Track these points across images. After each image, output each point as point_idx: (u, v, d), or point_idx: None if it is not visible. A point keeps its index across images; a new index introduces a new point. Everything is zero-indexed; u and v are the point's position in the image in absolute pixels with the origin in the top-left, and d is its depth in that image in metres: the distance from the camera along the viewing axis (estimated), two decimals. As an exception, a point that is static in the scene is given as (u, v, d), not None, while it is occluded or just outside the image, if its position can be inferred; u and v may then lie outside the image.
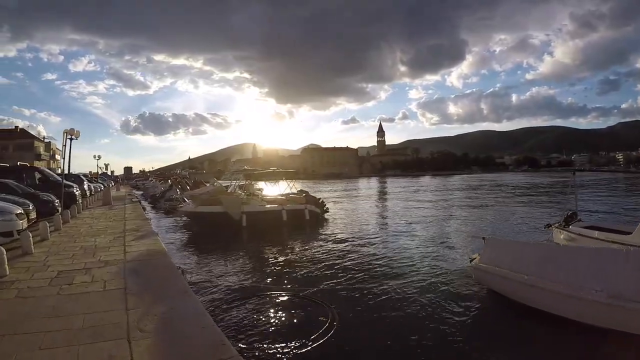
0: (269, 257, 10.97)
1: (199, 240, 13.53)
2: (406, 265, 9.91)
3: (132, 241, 8.44)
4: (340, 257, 10.78)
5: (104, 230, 10.19)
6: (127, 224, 11.70)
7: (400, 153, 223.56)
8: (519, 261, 6.38)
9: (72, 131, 23.55)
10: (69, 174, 25.06)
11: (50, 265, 6.24)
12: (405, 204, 28.34)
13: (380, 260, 10.54)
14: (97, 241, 8.50)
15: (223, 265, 9.91)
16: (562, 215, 9.95)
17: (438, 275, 8.73)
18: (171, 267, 6.07)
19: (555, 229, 9.68)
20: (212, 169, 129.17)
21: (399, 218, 19.68)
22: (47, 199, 12.87)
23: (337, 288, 7.99)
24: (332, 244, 12.71)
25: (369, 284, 8.31)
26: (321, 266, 9.84)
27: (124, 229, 10.58)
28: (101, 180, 42.87)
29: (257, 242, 13.34)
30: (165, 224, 17.83)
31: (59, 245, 8.10)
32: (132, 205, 18.62)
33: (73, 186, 16.51)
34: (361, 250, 11.88)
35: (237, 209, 15.33)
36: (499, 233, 14.73)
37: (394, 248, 12.08)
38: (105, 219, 13.03)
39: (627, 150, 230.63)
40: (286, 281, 8.53)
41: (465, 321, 6.22)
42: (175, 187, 27.06)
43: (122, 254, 7.09)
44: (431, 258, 10.65)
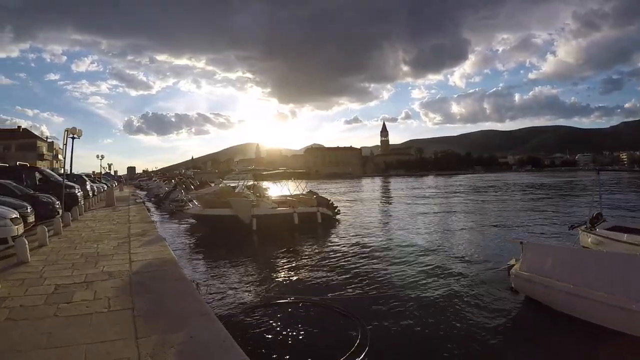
0: (284, 263, 10.22)
1: (208, 245, 12.80)
2: (433, 271, 9.19)
3: (138, 248, 7.74)
4: (360, 263, 10.04)
5: (107, 235, 9.50)
6: (132, 227, 11.02)
7: (404, 153, 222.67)
8: (564, 268, 5.94)
9: (74, 130, 22.93)
10: (71, 174, 24.44)
11: (47, 278, 5.54)
12: (418, 204, 27.55)
13: (402, 265, 9.81)
14: (99, 247, 7.80)
15: (236, 272, 9.15)
16: (587, 216, 9.39)
17: (470, 283, 7.99)
18: (184, 280, 5.35)
19: (582, 231, 9.15)
20: (218, 169, 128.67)
21: (415, 220, 18.90)
22: (47, 200, 12.20)
23: (361, 297, 7.28)
24: (348, 249, 11.96)
25: (394, 292, 7.62)
26: (340, 273, 9.11)
27: (129, 233, 9.89)
28: (104, 180, 42.35)
29: (269, 247, 12.61)
30: (170, 227, 17.08)
31: (58, 252, 7.40)
32: (136, 207, 17.95)
33: (75, 187, 15.84)
34: (380, 255, 11.15)
35: (247, 212, 14.59)
36: (524, 235, 13.98)
37: (417, 252, 11.31)
38: (108, 222, 12.35)
39: (630, 150, 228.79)
40: (306, 290, 7.79)
41: (509, 335, 5.65)
42: (180, 187, 26.38)
43: (127, 263, 6.38)
44: (458, 263, 9.93)
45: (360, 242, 12.87)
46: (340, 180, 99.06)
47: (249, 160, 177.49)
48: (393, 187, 57.38)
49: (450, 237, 13.74)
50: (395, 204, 29.04)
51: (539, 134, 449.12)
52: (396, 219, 19.13)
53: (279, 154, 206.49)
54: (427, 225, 17.04)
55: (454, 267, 9.47)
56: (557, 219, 18.16)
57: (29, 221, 9.68)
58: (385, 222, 18.33)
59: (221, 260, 10.32)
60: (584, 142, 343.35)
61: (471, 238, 13.62)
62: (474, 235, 14.27)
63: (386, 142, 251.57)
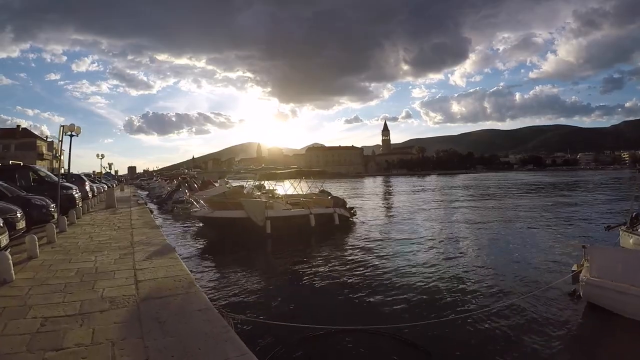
0: (311, 275, 8.97)
1: (219, 252, 11.57)
2: (487, 283, 8.12)
3: (144, 261, 6.53)
4: (397, 272, 8.88)
5: (107, 244, 8.29)
6: (135, 233, 9.82)
7: (406, 152, 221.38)
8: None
9: (72, 127, 21.66)
10: (70, 174, 23.23)
11: (33, 307, 4.34)
12: (431, 204, 26.37)
13: (447, 274, 8.73)
14: (98, 261, 6.59)
15: (259, 290, 7.81)
16: (626, 216, 8.83)
17: (529, 293, 6.89)
18: (210, 312, 4.12)
19: (623, 232, 8.41)
20: (225, 167, 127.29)
21: (437, 221, 17.71)
22: (41, 203, 10.98)
23: (413, 317, 6.12)
24: (374, 255, 10.78)
25: (450, 310, 6.52)
26: (377, 286, 7.94)
27: (132, 240, 8.69)
28: (105, 180, 41.18)
29: (286, 253, 11.42)
30: (175, 231, 15.83)
31: (50, 267, 6.20)
32: (138, 209, 16.74)
33: (72, 187, 14.61)
34: (416, 260, 9.98)
35: (261, 214, 13.38)
36: (559, 237, 12.85)
37: (457, 260, 10.14)
38: (108, 227, 11.14)
39: (631, 149, 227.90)
40: (346, 311, 6.62)
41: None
42: (183, 187, 25.12)
43: (132, 283, 5.18)
44: (510, 272, 8.83)
45: (386, 248, 11.68)
46: (343, 179, 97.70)
47: (250, 160, 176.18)
48: (399, 187, 56.20)
49: (488, 243, 12.59)
50: (408, 204, 27.76)
51: (540, 133, 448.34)
52: (418, 222, 17.87)
53: (280, 154, 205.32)
54: (454, 227, 15.84)
55: (508, 277, 8.48)
56: (588, 219, 17.05)
57: (18, 228, 8.49)
58: (409, 224, 16.97)
59: (238, 271, 9.10)
60: (585, 141, 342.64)
61: (511, 242, 12.49)
62: (511, 238, 13.14)
63: (387, 141, 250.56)
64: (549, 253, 10.73)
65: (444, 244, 12.42)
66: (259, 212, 13.36)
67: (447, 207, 24.72)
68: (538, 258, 10.14)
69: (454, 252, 11.06)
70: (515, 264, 9.65)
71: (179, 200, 22.04)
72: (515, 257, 10.26)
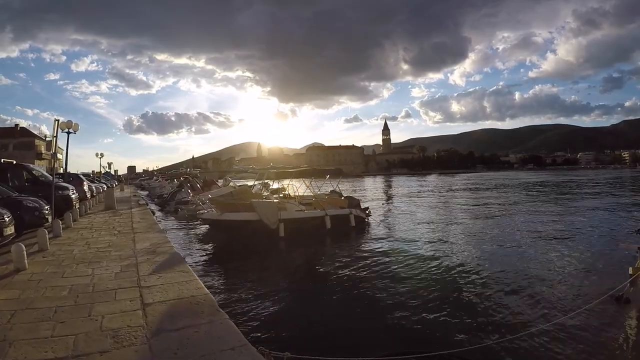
0: (337, 289, 7.85)
1: (230, 259, 10.51)
2: (532, 288, 7.18)
3: (151, 275, 5.53)
4: (432, 284, 7.85)
5: (107, 252, 7.28)
6: (138, 239, 8.81)
7: (407, 151, 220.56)
8: None
9: (70, 124, 20.59)
10: (67, 174, 22.21)
11: (14, 343, 3.34)
12: (442, 203, 25.37)
13: (489, 285, 7.70)
14: (95, 275, 5.58)
15: (284, 308, 6.71)
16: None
17: (587, 304, 5.87)
18: (248, 352, 3.12)
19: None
20: (218, 168, 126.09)
21: (460, 223, 16.66)
22: (33, 205, 9.97)
23: (471, 337, 5.17)
24: (401, 263, 9.74)
25: (505, 327, 5.68)
26: (414, 301, 6.91)
27: (134, 248, 7.69)
28: (104, 180, 40.18)
29: (304, 260, 10.42)
30: (179, 233, 14.68)
31: (38, 284, 5.19)
32: (139, 210, 15.72)
33: (69, 188, 13.59)
34: (450, 268, 8.98)
35: (274, 216, 12.37)
36: (593, 240, 11.88)
37: (492, 265, 9.16)
38: (108, 231, 10.13)
39: (631, 149, 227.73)
40: (393, 335, 5.61)
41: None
42: (186, 187, 24.10)
43: (138, 308, 4.18)
44: (556, 279, 7.88)
45: (412, 254, 10.66)
46: (344, 179, 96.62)
47: (250, 159, 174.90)
48: (402, 186, 55.20)
49: (521, 246, 11.55)
50: (419, 203, 26.73)
51: (540, 132, 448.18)
52: (438, 224, 16.82)
53: (281, 153, 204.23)
54: (479, 230, 14.80)
55: (560, 287, 7.50)
56: (612, 222, 16.11)
57: (6, 234, 7.51)
58: (428, 227, 15.82)
59: (256, 285, 8.01)
60: (585, 140, 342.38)
61: (544, 243, 11.49)
62: (543, 239, 12.15)
63: (388, 140, 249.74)
64: (591, 257, 9.83)
65: (476, 249, 11.42)
66: (271, 214, 12.34)
67: (462, 207, 23.71)
68: (583, 263, 9.23)
69: (489, 259, 10.05)
70: (562, 270, 8.70)
71: (183, 200, 21.00)
72: (560, 264, 9.30)
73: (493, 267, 9.16)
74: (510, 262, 9.55)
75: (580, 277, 8.21)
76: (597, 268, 8.82)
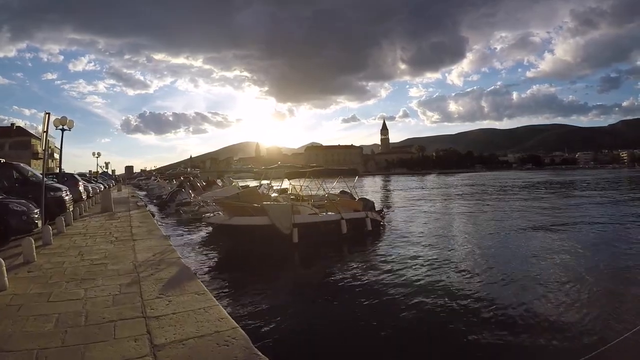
0: (370, 308, 6.83)
1: (242, 269, 9.39)
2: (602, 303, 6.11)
3: (158, 299, 4.45)
4: (467, 299, 6.84)
5: (103, 265, 6.19)
6: (138, 247, 7.73)
7: (406, 151, 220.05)
8: None
9: (64, 120, 19.44)
10: (62, 173, 21.06)
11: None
12: (455, 203, 24.37)
13: (534, 301, 6.68)
14: (89, 300, 4.49)
15: (312, 324, 5.78)
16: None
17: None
18: None
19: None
20: (216, 168, 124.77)
21: (483, 226, 15.69)
22: (21, 208, 8.88)
23: None
24: (424, 272, 8.73)
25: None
26: (452, 321, 5.91)
27: (135, 259, 6.60)
28: (101, 180, 39.04)
29: (321, 269, 9.37)
30: (183, 240, 13.31)
31: (17, 312, 4.10)
32: (139, 213, 14.60)
33: (62, 189, 12.47)
34: (485, 280, 7.96)
35: (287, 221, 11.29)
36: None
37: (532, 277, 8.15)
38: (104, 237, 9.03)
39: (629, 148, 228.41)
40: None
41: None
42: (186, 188, 22.96)
43: (147, 354, 3.11)
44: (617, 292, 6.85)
45: (439, 263, 9.62)
46: (345, 178, 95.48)
47: (249, 159, 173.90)
48: (405, 186, 54.27)
49: (557, 251, 10.55)
50: (430, 204, 25.70)
51: (538, 132, 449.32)
52: (460, 227, 15.82)
53: (279, 153, 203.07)
54: (506, 233, 13.87)
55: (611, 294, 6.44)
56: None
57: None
58: (448, 232, 14.73)
59: (266, 294, 6.99)
60: (583, 140, 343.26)
61: (595, 249, 10.46)
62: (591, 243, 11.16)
63: (386, 140, 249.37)
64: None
65: (508, 256, 10.43)
66: (285, 218, 11.26)
67: (478, 209, 22.71)
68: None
69: (527, 269, 9.05)
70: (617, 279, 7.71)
71: (183, 201, 19.85)
72: (614, 273, 8.31)
73: (532, 278, 8.17)
74: (551, 278, 8.51)
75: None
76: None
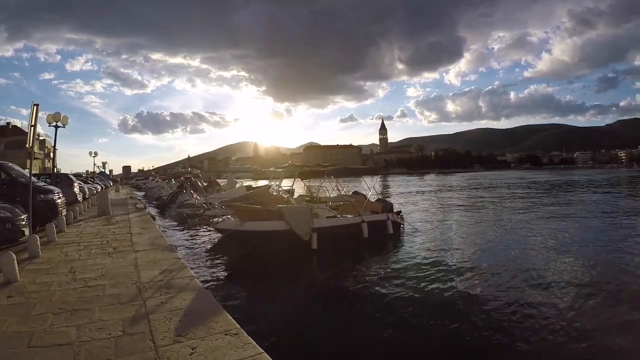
0: (404, 314, 5.79)
1: (258, 282, 8.20)
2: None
3: (177, 345, 3.29)
4: (512, 316, 5.73)
5: (99, 289, 5.01)
6: (141, 261, 6.55)
7: (404, 151, 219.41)
8: None
9: (58, 116, 18.14)
10: (55, 173, 19.79)
11: None
12: (469, 203, 23.24)
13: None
14: (82, 345, 3.34)
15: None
16: None
17: None
18: None
19: None
20: (214, 168, 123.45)
21: (508, 227, 14.60)
22: (5, 215, 7.70)
23: None
24: (459, 282, 7.62)
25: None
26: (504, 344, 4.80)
27: (139, 280, 5.42)
28: (99, 180, 37.75)
29: (347, 279, 8.23)
30: (190, 250, 11.91)
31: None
32: (138, 217, 13.40)
33: (54, 191, 11.23)
34: (511, 286, 6.83)
35: (307, 225, 10.11)
36: None
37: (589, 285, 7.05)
38: (100, 248, 7.83)
39: (627, 148, 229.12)
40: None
41: None
42: (189, 188, 21.72)
43: None
44: None
45: (475, 271, 8.51)
46: (345, 178, 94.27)
47: (247, 159, 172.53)
48: (408, 185, 53.19)
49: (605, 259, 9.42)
50: (443, 204, 24.56)
51: (536, 132, 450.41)
52: (479, 230, 14.72)
53: (278, 152, 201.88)
54: (535, 232, 12.81)
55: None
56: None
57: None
58: (469, 234, 13.67)
59: (313, 326, 5.82)
60: (581, 140, 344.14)
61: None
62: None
63: (385, 139, 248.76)
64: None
65: (550, 260, 9.33)
66: (304, 223, 10.07)
67: (497, 208, 21.62)
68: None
69: (577, 276, 7.96)
70: None
71: (185, 203, 18.58)
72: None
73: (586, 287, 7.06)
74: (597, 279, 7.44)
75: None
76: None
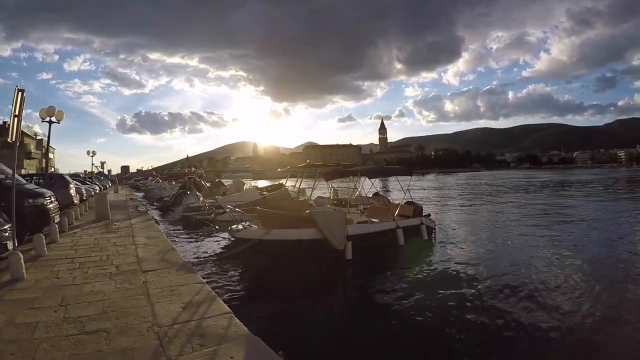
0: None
1: (290, 299, 6.81)
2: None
3: None
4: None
5: (101, 338, 3.56)
6: (153, 288, 5.09)
7: (404, 150, 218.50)
8: None
9: (52, 111, 16.65)
10: (49, 174, 18.26)
11: None
12: (492, 206, 21.83)
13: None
14: None
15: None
16: None
17: None
18: None
19: None
20: (214, 168, 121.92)
21: (548, 229, 13.26)
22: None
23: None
24: (511, 298, 6.21)
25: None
26: None
27: (154, 320, 4.00)
28: (97, 180, 36.14)
29: (391, 296, 6.80)
30: (199, 255, 10.65)
31: None
32: (141, 222, 11.94)
33: (45, 194, 9.71)
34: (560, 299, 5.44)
35: (341, 232, 8.68)
36: None
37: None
38: (99, 267, 6.33)
39: (625, 148, 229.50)
40: None
41: None
42: (193, 190, 20.24)
43: None
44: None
45: (527, 280, 7.11)
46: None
47: (247, 159, 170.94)
48: (419, 185, 51.76)
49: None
50: (461, 205, 23.13)
51: (534, 131, 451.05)
52: (517, 233, 13.33)
53: (277, 152, 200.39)
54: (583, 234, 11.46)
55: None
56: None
57: None
58: (510, 239, 12.27)
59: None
60: (579, 140, 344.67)
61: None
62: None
63: (384, 139, 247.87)
64: None
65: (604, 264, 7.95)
66: (338, 230, 8.60)
67: (524, 209, 20.28)
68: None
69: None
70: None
71: (191, 206, 17.03)
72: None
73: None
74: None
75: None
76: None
